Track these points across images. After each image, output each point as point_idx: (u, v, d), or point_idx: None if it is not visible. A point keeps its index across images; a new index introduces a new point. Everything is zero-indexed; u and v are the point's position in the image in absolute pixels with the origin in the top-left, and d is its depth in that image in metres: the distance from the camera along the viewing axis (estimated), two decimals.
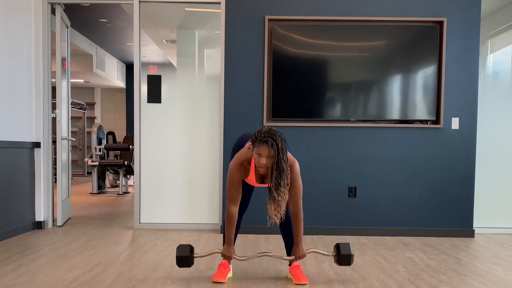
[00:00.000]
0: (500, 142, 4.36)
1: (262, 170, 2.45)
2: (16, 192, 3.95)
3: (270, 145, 2.36)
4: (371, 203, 4.14)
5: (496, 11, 4.44)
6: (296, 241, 2.66)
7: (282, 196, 2.43)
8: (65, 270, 2.83)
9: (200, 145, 4.37)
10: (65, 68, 4.63)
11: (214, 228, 4.28)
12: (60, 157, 4.47)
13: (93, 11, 6.73)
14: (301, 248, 2.64)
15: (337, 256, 2.70)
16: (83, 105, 10.59)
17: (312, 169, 4.11)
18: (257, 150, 2.40)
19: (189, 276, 2.73)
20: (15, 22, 3.95)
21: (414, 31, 4.13)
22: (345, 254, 2.66)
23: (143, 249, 3.46)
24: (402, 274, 2.86)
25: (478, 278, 2.81)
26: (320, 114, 4.16)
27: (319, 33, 4.10)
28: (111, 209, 5.65)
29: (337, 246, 2.70)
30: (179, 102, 4.43)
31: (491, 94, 4.38)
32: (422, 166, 4.14)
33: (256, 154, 2.42)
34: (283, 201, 2.45)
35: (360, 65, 4.17)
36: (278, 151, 2.37)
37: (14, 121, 3.93)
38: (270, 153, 2.37)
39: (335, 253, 2.71)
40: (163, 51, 5.05)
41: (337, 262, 2.71)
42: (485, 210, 4.31)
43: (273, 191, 2.43)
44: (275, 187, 2.42)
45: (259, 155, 2.40)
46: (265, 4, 4.11)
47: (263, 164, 2.39)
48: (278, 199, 2.43)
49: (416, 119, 4.15)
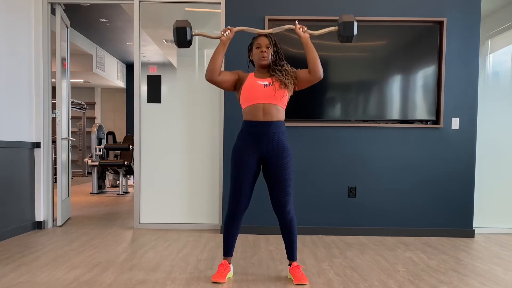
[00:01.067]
0: (500, 142, 4.37)
1: (263, 61, 2.62)
2: (16, 192, 3.95)
3: (268, 36, 2.64)
4: (371, 203, 4.15)
5: (496, 11, 4.44)
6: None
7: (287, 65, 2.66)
8: (65, 270, 2.83)
9: (200, 145, 4.38)
10: (65, 68, 4.63)
11: (214, 228, 4.28)
12: (60, 157, 4.47)
13: (93, 11, 6.73)
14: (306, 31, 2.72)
15: (339, 25, 2.65)
16: (83, 105, 10.59)
17: (312, 169, 4.11)
18: (256, 44, 2.64)
19: (189, 276, 2.73)
20: (15, 22, 3.95)
21: (414, 31, 4.13)
22: (347, 21, 2.61)
23: (143, 249, 3.46)
24: (402, 274, 2.86)
25: (478, 278, 2.81)
26: (320, 114, 4.16)
27: None
28: (111, 209, 5.65)
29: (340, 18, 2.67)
30: (179, 102, 4.44)
31: (491, 94, 4.38)
32: (422, 166, 4.14)
33: (255, 47, 2.63)
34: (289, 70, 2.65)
35: (360, 65, 4.17)
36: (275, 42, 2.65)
37: (14, 121, 3.93)
38: (268, 42, 2.61)
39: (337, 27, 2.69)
40: (163, 51, 5.05)
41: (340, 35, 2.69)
42: (485, 210, 4.31)
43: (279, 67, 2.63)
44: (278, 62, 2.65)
45: (259, 47, 2.62)
46: (265, 4, 4.11)
47: (264, 53, 2.60)
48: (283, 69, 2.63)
49: (416, 119, 4.16)
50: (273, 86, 2.59)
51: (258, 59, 2.64)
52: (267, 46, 2.61)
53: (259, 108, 2.59)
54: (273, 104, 2.60)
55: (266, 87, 2.59)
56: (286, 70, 2.63)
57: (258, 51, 2.62)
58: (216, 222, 4.30)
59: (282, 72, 2.62)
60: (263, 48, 2.61)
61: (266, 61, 2.62)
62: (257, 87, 2.60)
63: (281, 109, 2.65)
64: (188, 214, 4.36)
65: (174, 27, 2.63)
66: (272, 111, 2.60)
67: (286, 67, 2.65)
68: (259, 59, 2.63)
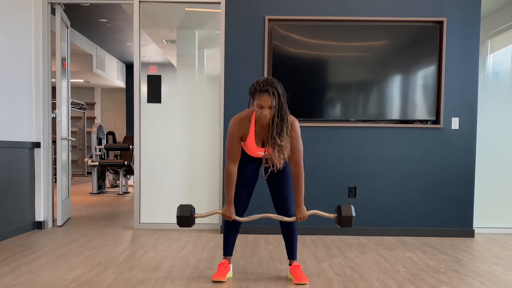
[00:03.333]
0: (500, 142, 4.36)
1: (264, 121, 2.43)
2: (16, 192, 3.95)
3: (271, 93, 2.34)
4: (371, 203, 4.14)
5: (496, 11, 4.44)
6: (298, 202, 2.63)
7: (285, 143, 2.45)
8: (65, 270, 2.83)
9: (200, 145, 4.37)
10: (65, 68, 4.63)
11: (214, 228, 4.28)
12: (60, 157, 4.47)
13: (93, 11, 6.73)
14: (303, 209, 2.61)
15: (338, 217, 2.63)
16: (83, 105, 10.59)
17: (312, 169, 4.10)
18: (258, 101, 2.38)
19: (189, 276, 2.73)
20: (15, 22, 3.95)
21: (414, 31, 4.13)
22: (346, 215, 2.59)
23: (143, 249, 3.46)
24: (402, 274, 2.86)
25: (478, 278, 2.81)
26: (320, 114, 4.16)
27: (319, 33, 4.10)
28: (111, 209, 5.65)
29: (339, 208, 2.64)
30: (179, 102, 4.43)
31: (491, 94, 4.38)
32: (422, 166, 4.14)
33: (257, 106, 2.39)
34: (285, 148, 2.46)
35: (360, 65, 4.17)
36: (279, 98, 2.37)
37: (14, 121, 3.93)
38: (271, 103, 2.36)
39: (337, 214, 2.65)
40: (163, 51, 5.05)
41: (338, 224, 2.64)
42: (485, 210, 4.31)
43: (275, 137, 2.43)
44: (278, 133, 2.42)
45: (261, 106, 2.38)
46: (265, 4, 4.11)
47: (265, 115, 2.38)
48: (281, 144, 2.43)
49: (416, 119, 4.15)
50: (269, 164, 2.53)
51: (258, 116, 2.44)
52: (269, 107, 2.38)
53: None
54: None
55: (264, 157, 2.56)
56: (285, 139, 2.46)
57: (259, 110, 2.41)
58: (216, 222, 4.30)
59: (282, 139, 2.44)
60: (264, 111, 2.38)
61: (266, 122, 2.44)
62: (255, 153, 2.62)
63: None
64: None
65: (177, 214, 2.63)
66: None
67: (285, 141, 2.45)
68: (259, 117, 2.43)
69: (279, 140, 2.42)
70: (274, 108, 2.38)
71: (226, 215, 2.62)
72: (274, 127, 2.43)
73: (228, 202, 2.61)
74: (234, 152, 2.56)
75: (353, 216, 2.60)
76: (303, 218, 2.61)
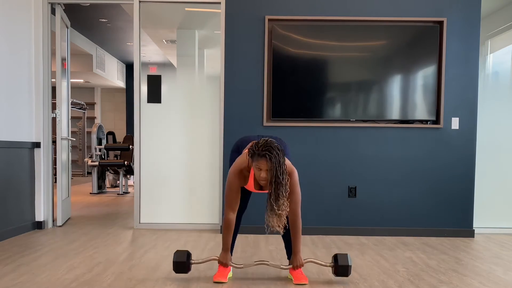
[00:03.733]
0: (500, 142, 4.36)
1: (262, 183, 2.46)
2: (16, 192, 3.95)
3: (269, 158, 2.36)
4: (371, 203, 4.14)
5: (496, 11, 4.44)
6: (294, 250, 2.65)
7: (283, 209, 2.43)
8: (65, 270, 2.83)
9: (200, 145, 4.37)
10: (65, 68, 4.63)
11: (214, 228, 4.28)
12: (60, 157, 4.47)
13: (93, 11, 6.73)
14: (299, 257, 2.64)
15: (334, 266, 2.65)
16: (83, 105, 10.59)
17: (312, 169, 4.11)
18: (256, 164, 2.41)
19: (189, 276, 2.73)
20: (15, 22, 3.95)
21: (414, 31, 4.13)
22: (342, 264, 2.61)
23: (143, 249, 3.46)
24: (402, 274, 2.86)
25: (478, 278, 2.81)
26: (320, 114, 4.16)
27: (319, 33, 4.10)
28: (111, 209, 5.65)
29: (335, 257, 2.65)
30: (179, 102, 4.43)
31: (491, 94, 4.38)
32: (422, 166, 4.14)
33: (255, 167, 2.43)
34: (283, 213, 2.45)
35: (360, 65, 4.17)
36: (276, 164, 2.36)
37: (14, 121, 3.93)
38: (268, 166, 2.38)
39: (333, 263, 2.67)
40: (163, 51, 5.05)
41: (335, 273, 2.66)
42: (485, 210, 4.30)
43: (273, 203, 2.43)
44: (275, 199, 2.42)
45: (259, 169, 2.41)
46: (265, 4, 4.11)
47: (263, 177, 2.41)
48: (278, 212, 2.43)
49: (416, 119, 4.15)
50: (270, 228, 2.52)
51: (257, 177, 2.45)
52: (267, 169, 2.39)
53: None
54: None
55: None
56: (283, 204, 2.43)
57: (258, 172, 2.42)
58: (216, 222, 4.30)
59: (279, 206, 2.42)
60: (262, 173, 2.40)
61: (265, 184, 2.45)
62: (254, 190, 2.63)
63: None
64: (188, 214, 4.36)
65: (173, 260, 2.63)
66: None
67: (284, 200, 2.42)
68: (258, 178, 2.44)
69: (276, 208, 2.42)
70: (271, 171, 2.38)
71: (222, 262, 2.65)
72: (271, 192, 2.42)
73: (225, 250, 2.65)
74: (234, 201, 2.59)
75: (350, 266, 2.62)
76: (299, 267, 2.64)
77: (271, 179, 2.39)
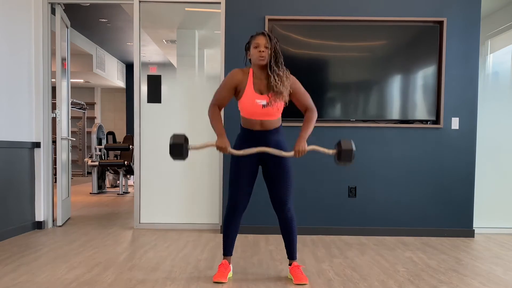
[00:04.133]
0: (500, 142, 4.36)
1: (261, 61, 2.52)
2: (16, 192, 3.95)
3: (266, 34, 2.54)
4: (371, 203, 4.14)
5: (496, 11, 4.44)
6: (301, 135, 2.64)
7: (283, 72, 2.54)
8: (65, 270, 2.83)
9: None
10: (65, 68, 4.63)
11: (214, 228, 4.28)
12: (60, 157, 4.47)
13: (93, 11, 6.73)
14: (303, 143, 2.62)
15: (337, 152, 2.58)
16: (83, 105, 10.59)
17: (312, 169, 4.10)
18: (254, 43, 2.55)
19: (189, 276, 2.73)
20: (15, 22, 3.95)
21: (414, 31, 4.13)
22: (346, 149, 2.55)
23: (143, 249, 3.46)
24: (402, 274, 2.86)
25: (478, 278, 2.81)
26: (320, 114, 4.10)
27: (319, 33, 4.10)
28: (111, 209, 5.65)
29: (338, 143, 2.59)
30: (179, 102, 4.43)
31: (491, 94, 4.38)
32: (422, 166, 4.14)
33: (253, 47, 2.54)
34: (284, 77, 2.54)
35: (360, 65, 4.17)
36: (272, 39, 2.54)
37: (14, 121, 3.93)
38: (266, 42, 2.51)
39: (336, 150, 2.60)
40: (163, 51, 5.06)
41: (338, 159, 2.60)
42: (485, 210, 4.30)
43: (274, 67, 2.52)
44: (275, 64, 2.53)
45: (257, 45, 2.53)
46: (265, 4, 4.11)
47: (261, 52, 2.51)
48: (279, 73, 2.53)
49: (416, 119, 4.15)
50: (271, 107, 2.56)
51: (256, 58, 2.54)
52: (265, 46, 2.51)
53: (257, 123, 2.63)
54: (271, 120, 2.62)
55: (264, 107, 2.56)
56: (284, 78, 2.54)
57: (256, 50, 2.53)
58: (216, 222, 4.30)
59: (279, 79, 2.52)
60: (261, 48, 2.51)
61: (264, 61, 2.53)
62: (256, 106, 2.57)
63: (278, 118, 2.68)
64: (188, 214, 4.36)
65: (170, 143, 2.53)
66: (269, 124, 2.63)
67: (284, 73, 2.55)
68: (257, 58, 2.54)
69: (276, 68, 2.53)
70: (269, 50, 2.52)
71: (221, 147, 2.55)
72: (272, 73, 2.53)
73: (220, 134, 2.59)
74: (221, 97, 2.66)
75: (353, 150, 2.55)
76: (301, 152, 2.61)
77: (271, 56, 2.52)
